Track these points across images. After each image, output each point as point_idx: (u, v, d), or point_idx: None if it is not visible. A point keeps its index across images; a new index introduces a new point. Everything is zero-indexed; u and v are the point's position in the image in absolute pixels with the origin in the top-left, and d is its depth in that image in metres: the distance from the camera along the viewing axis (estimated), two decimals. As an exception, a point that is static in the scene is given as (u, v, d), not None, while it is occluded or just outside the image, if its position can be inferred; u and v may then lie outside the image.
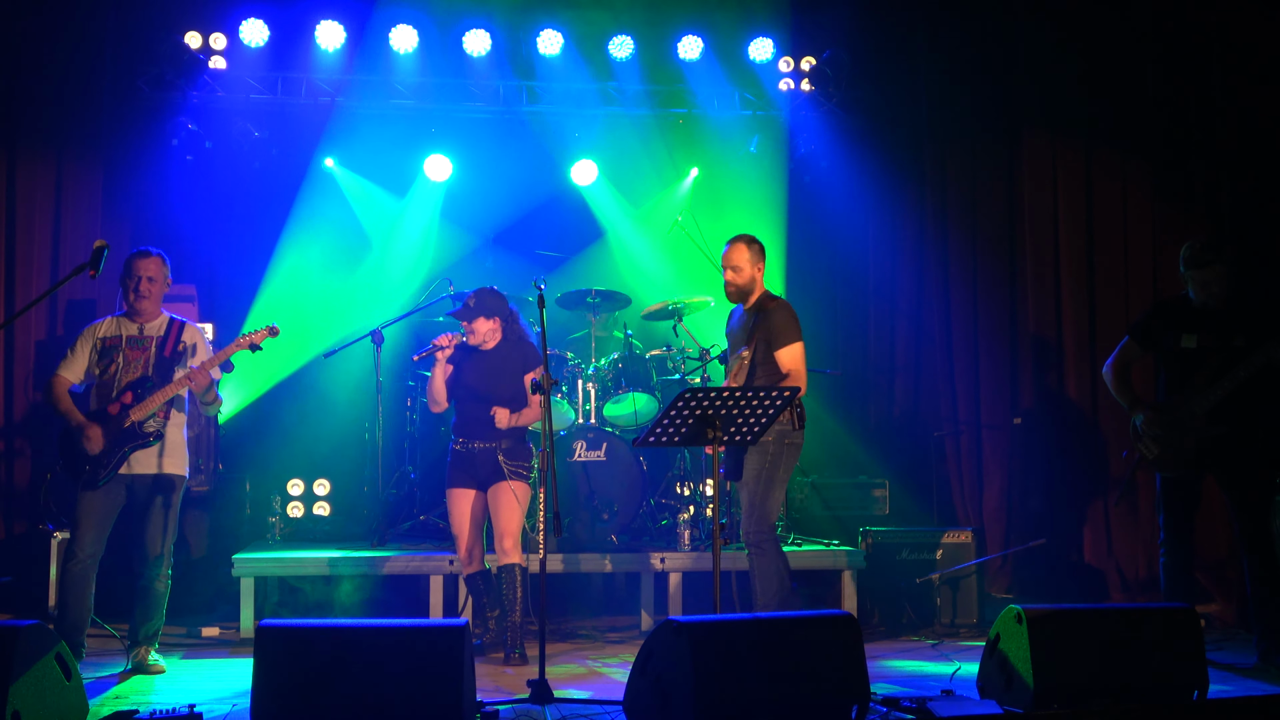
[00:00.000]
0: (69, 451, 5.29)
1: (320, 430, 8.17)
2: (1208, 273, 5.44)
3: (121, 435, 5.26)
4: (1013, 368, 7.75)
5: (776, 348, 5.41)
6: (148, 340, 5.41)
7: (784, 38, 8.56)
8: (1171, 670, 4.36)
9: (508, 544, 5.61)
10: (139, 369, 5.35)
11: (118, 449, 5.26)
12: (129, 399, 5.28)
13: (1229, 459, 5.45)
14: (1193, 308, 5.55)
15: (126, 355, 5.36)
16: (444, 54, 8.25)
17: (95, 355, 5.38)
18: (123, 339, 5.40)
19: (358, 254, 8.52)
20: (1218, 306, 5.49)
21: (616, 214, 8.78)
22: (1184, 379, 5.50)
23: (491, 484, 5.70)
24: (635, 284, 8.14)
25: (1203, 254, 5.46)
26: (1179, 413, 5.46)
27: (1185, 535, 5.59)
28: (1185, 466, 5.50)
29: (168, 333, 5.44)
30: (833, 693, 3.99)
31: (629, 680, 4.12)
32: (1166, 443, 5.48)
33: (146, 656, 5.30)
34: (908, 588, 6.40)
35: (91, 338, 5.41)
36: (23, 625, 3.80)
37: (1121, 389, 5.69)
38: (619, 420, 7.24)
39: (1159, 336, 5.61)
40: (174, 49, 7.66)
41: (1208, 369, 5.42)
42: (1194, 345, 5.48)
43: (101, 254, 4.49)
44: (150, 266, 5.41)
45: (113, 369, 5.33)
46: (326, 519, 7.50)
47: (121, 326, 5.44)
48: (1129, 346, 5.72)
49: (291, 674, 3.84)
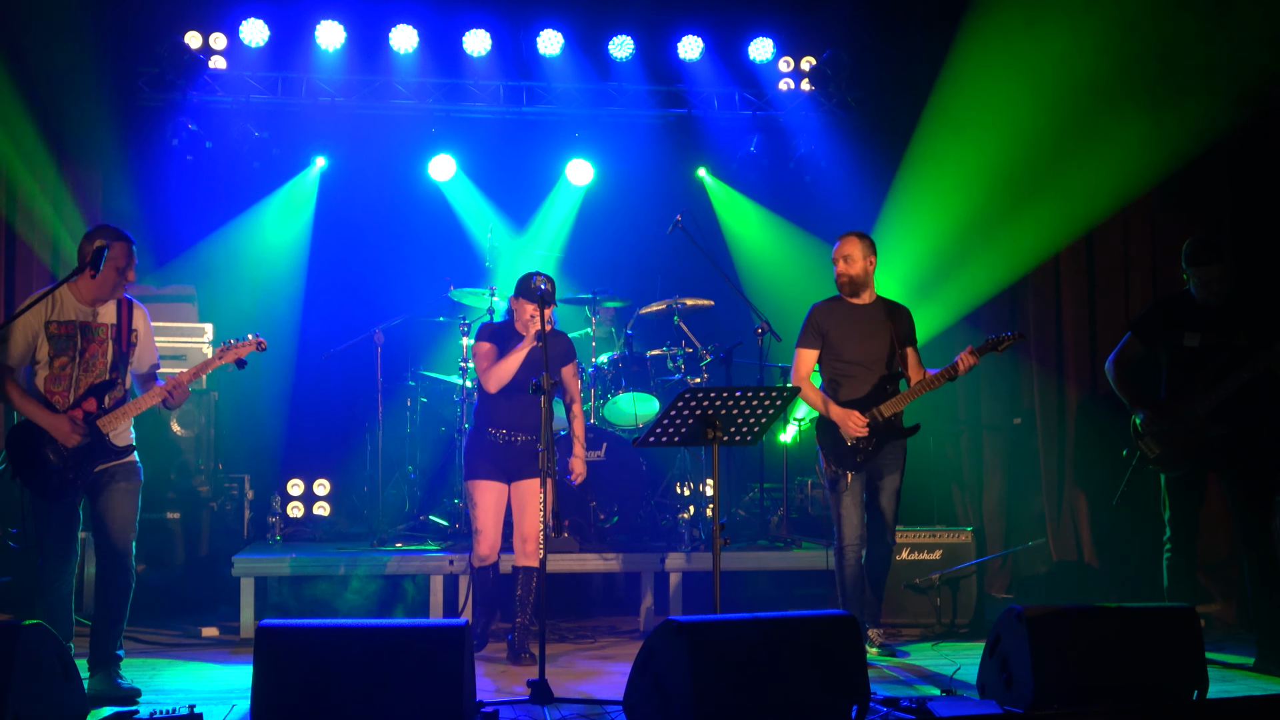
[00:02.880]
0: (28, 457, 4.56)
1: (320, 430, 8.18)
2: (1208, 271, 5.43)
3: (90, 449, 4.63)
4: (1013, 368, 7.75)
5: (908, 346, 5.70)
6: (103, 329, 4.70)
7: (784, 38, 8.58)
8: (1171, 670, 4.36)
9: (530, 547, 5.47)
10: (98, 367, 4.68)
11: (86, 464, 4.62)
12: (93, 406, 4.64)
13: (1231, 459, 5.44)
14: (1195, 305, 5.53)
15: (82, 347, 4.65)
16: (444, 54, 8.27)
17: (45, 341, 4.61)
18: (77, 326, 4.65)
19: (358, 254, 8.53)
20: (1220, 304, 5.48)
21: (616, 214, 8.77)
22: (1187, 378, 5.48)
23: (520, 478, 5.54)
24: (635, 284, 8.13)
25: (1203, 252, 5.45)
26: (1181, 412, 5.45)
27: (1189, 533, 5.57)
28: (1186, 466, 5.49)
29: (119, 319, 4.75)
30: (833, 693, 3.99)
31: (629, 680, 4.12)
32: (1168, 442, 5.47)
33: (117, 674, 4.69)
34: (908, 588, 6.40)
35: (38, 317, 4.60)
36: (23, 625, 3.80)
37: (1123, 386, 5.67)
38: (619, 420, 7.24)
39: (1161, 333, 5.59)
40: (174, 49, 7.68)
41: (1210, 368, 5.40)
42: (1196, 344, 5.46)
43: (102, 254, 4.48)
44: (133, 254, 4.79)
45: (65, 363, 4.62)
46: (326, 519, 7.51)
47: (76, 310, 4.67)
48: (1131, 343, 5.70)
49: (291, 674, 3.84)
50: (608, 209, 8.79)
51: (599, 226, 8.78)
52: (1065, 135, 7.27)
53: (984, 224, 7.58)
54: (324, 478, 7.56)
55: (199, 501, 6.93)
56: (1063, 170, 7.32)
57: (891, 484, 5.66)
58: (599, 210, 8.82)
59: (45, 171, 7.19)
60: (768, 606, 6.98)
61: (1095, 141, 7.15)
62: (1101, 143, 7.12)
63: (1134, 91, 7.03)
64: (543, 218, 8.87)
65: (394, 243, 8.56)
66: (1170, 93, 6.88)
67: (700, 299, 7.46)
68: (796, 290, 8.51)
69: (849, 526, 5.57)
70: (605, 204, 8.81)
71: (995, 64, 7.46)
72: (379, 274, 8.43)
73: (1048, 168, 7.36)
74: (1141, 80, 6.98)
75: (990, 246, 7.67)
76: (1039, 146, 7.37)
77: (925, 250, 7.96)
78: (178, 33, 7.77)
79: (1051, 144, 7.32)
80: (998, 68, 7.43)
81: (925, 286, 7.77)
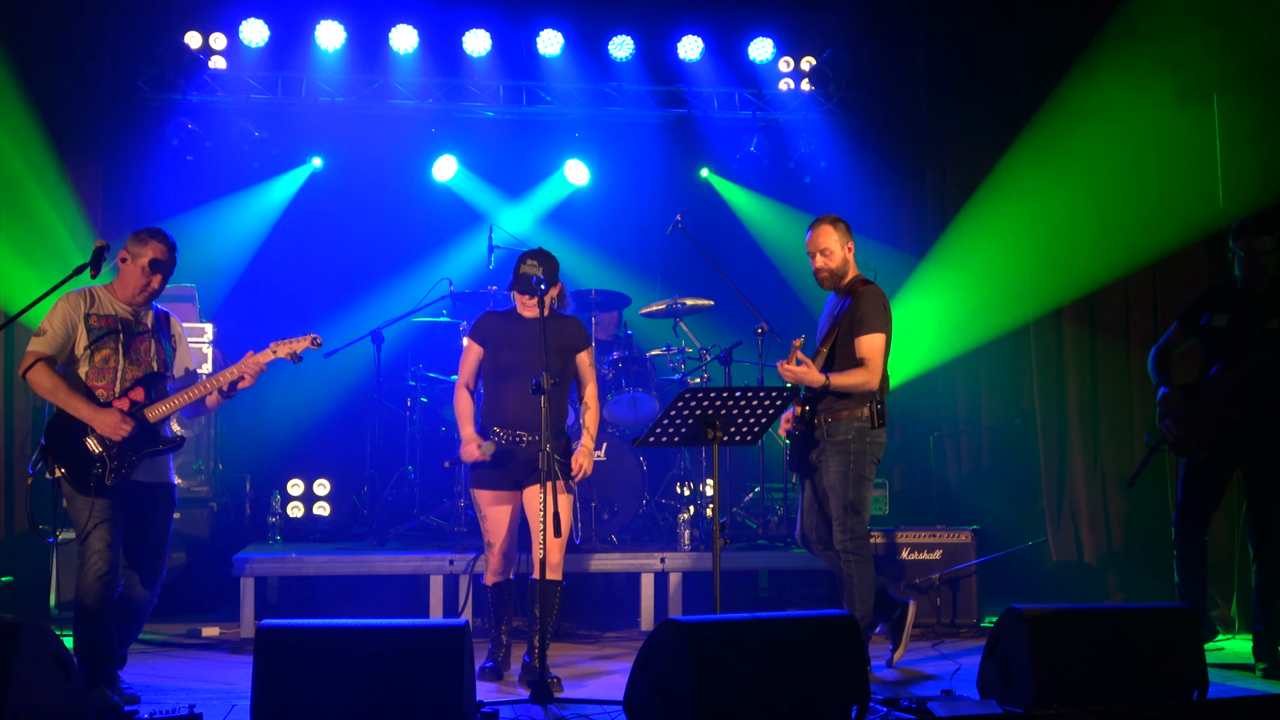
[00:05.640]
0: (70, 448, 4.49)
1: (320, 430, 8.18)
2: (1257, 243, 5.27)
3: (141, 435, 4.58)
4: (1013, 368, 7.75)
5: (857, 335, 5.03)
6: (145, 330, 4.68)
7: (784, 38, 8.58)
8: (1171, 670, 4.36)
9: (555, 558, 4.92)
10: (145, 363, 4.64)
11: (135, 450, 4.57)
12: (140, 396, 4.58)
13: (1247, 443, 5.32)
14: (1234, 289, 5.43)
15: (127, 344, 4.61)
16: (444, 54, 8.27)
17: (85, 333, 4.57)
18: (118, 321, 4.63)
19: (358, 254, 8.53)
20: (1262, 287, 5.34)
21: (616, 213, 8.78)
22: (1213, 358, 5.38)
23: (531, 484, 4.97)
24: (635, 284, 8.14)
25: (1253, 224, 5.32)
26: (1201, 394, 5.34)
27: (1199, 528, 5.47)
28: (1204, 452, 5.37)
29: (157, 323, 4.76)
30: (833, 693, 3.99)
31: (629, 680, 4.12)
32: (1188, 424, 5.37)
33: (117, 688, 4.58)
34: (908, 588, 6.40)
35: (78, 310, 4.57)
36: (23, 625, 3.79)
37: (1157, 369, 5.57)
38: (619, 420, 7.24)
39: (1198, 317, 5.48)
40: (174, 49, 7.68)
41: (1235, 349, 5.28)
42: (1224, 324, 5.34)
43: (101, 254, 4.46)
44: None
45: (108, 355, 4.57)
46: (326, 519, 7.50)
47: (114, 307, 4.65)
48: (1174, 331, 5.61)
49: (291, 674, 3.83)
50: (607, 209, 8.79)
51: (599, 226, 8.78)
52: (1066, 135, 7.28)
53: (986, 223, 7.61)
54: (324, 478, 7.56)
55: (199, 501, 6.92)
56: (1063, 169, 7.33)
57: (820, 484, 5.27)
58: (598, 210, 8.82)
59: (45, 171, 7.18)
60: (768, 606, 7.03)
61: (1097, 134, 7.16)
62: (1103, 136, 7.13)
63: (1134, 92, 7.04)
64: (542, 217, 8.87)
65: (394, 242, 8.57)
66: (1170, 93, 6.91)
67: (700, 299, 7.46)
68: (797, 290, 8.53)
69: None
70: (605, 204, 8.81)
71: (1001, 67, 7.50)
72: (379, 274, 8.43)
73: (1049, 167, 7.38)
74: (1141, 81, 7.00)
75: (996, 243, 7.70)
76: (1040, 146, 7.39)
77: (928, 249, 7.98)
78: (178, 33, 7.77)
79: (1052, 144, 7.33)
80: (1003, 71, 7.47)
81: (928, 285, 7.78)
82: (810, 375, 4.96)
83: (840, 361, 5.10)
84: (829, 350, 5.15)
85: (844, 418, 5.07)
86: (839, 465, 5.06)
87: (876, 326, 5.03)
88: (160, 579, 4.78)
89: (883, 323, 5.06)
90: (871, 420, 5.05)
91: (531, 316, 5.03)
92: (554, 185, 8.84)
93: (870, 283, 5.20)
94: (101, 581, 4.47)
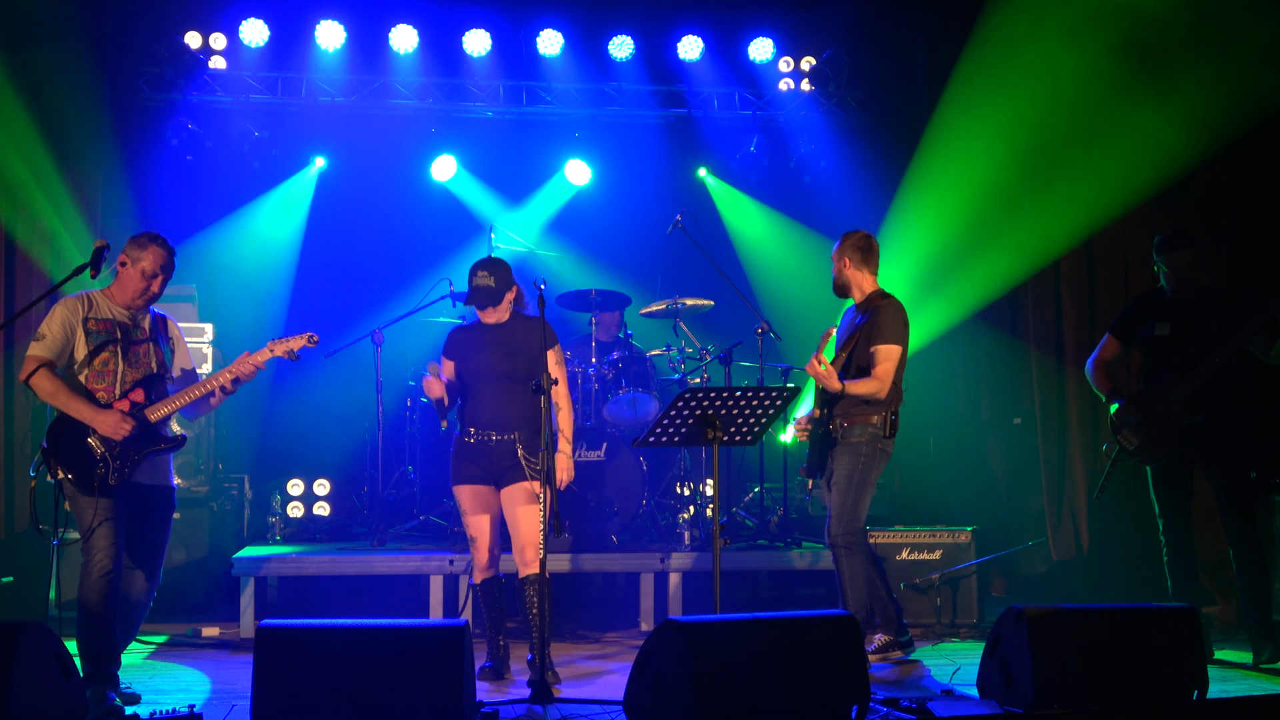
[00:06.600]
0: (72, 450, 4.49)
1: (320, 430, 8.18)
2: (1178, 257, 5.45)
3: (143, 435, 4.59)
4: (1013, 368, 7.75)
5: (874, 344, 5.27)
6: (142, 333, 4.70)
7: (784, 38, 8.58)
8: (1171, 670, 4.36)
9: (530, 554, 5.03)
10: (144, 365, 4.66)
11: (137, 450, 4.58)
12: (140, 397, 4.59)
13: (1208, 446, 5.45)
14: (1167, 298, 5.58)
15: (125, 348, 4.62)
16: (444, 54, 8.27)
17: (84, 337, 4.57)
18: (116, 326, 4.63)
19: (358, 254, 8.53)
20: (1191, 295, 5.51)
21: (616, 214, 8.78)
22: (1160, 367, 5.52)
23: (508, 482, 5.10)
24: (635, 284, 8.14)
25: (1173, 239, 5.49)
26: (1156, 401, 5.47)
27: (1182, 528, 5.56)
28: (1166, 456, 5.49)
29: (155, 327, 4.77)
30: (833, 693, 3.99)
31: (629, 680, 4.12)
32: (1145, 432, 5.48)
33: (117, 688, 4.57)
34: (908, 588, 6.40)
35: (77, 314, 4.58)
36: (23, 625, 3.80)
37: (1100, 382, 5.74)
38: (619, 420, 7.24)
39: (1136, 328, 5.65)
40: (174, 49, 7.68)
41: (1183, 356, 5.43)
42: (1167, 333, 5.50)
43: (101, 254, 4.45)
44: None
45: (107, 359, 4.58)
46: (326, 519, 7.51)
47: (112, 311, 4.66)
48: (1108, 343, 5.77)
49: (291, 674, 3.84)
50: (607, 209, 8.79)
51: (599, 226, 8.78)
52: (1067, 136, 7.27)
53: (987, 223, 7.59)
54: (324, 478, 7.56)
55: (199, 501, 6.92)
56: (1064, 170, 7.33)
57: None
58: (598, 210, 8.82)
59: (45, 171, 7.18)
60: (768, 606, 7.03)
61: (1098, 142, 7.15)
62: (1104, 143, 7.12)
63: (1135, 92, 7.04)
64: (542, 217, 8.87)
65: (394, 242, 8.57)
66: (1172, 96, 6.90)
67: (700, 299, 7.46)
68: (798, 290, 8.52)
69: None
70: (605, 204, 8.81)
71: (996, 65, 7.48)
72: (379, 274, 8.43)
73: (1049, 167, 7.37)
74: (1142, 80, 6.99)
75: (993, 246, 7.68)
76: (1041, 147, 7.38)
77: (928, 250, 7.96)
78: (178, 33, 7.77)
79: (1053, 144, 7.32)
80: (999, 68, 7.45)
81: (928, 286, 7.77)
82: (832, 380, 5.21)
83: (857, 370, 5.36)
84: (847, 356, 5.40)
85: (859, 423, 5.33)
86: (848, 464, 5.33)
87: (893, 338, 5.28)
88: (157, 581, 4.81)
89: (900, 335, 5.31)
90: (884, 428, 5.31)
91: (493, 322, 5.22)
92: (554, 185, 8.84)
93: (890, 296, 5.45)
94: (106, 579, 4.47)
